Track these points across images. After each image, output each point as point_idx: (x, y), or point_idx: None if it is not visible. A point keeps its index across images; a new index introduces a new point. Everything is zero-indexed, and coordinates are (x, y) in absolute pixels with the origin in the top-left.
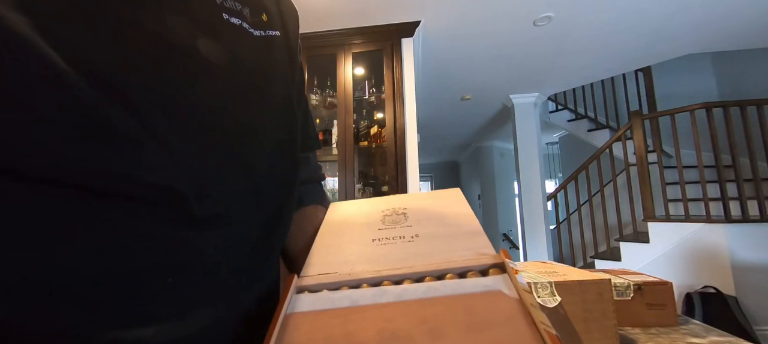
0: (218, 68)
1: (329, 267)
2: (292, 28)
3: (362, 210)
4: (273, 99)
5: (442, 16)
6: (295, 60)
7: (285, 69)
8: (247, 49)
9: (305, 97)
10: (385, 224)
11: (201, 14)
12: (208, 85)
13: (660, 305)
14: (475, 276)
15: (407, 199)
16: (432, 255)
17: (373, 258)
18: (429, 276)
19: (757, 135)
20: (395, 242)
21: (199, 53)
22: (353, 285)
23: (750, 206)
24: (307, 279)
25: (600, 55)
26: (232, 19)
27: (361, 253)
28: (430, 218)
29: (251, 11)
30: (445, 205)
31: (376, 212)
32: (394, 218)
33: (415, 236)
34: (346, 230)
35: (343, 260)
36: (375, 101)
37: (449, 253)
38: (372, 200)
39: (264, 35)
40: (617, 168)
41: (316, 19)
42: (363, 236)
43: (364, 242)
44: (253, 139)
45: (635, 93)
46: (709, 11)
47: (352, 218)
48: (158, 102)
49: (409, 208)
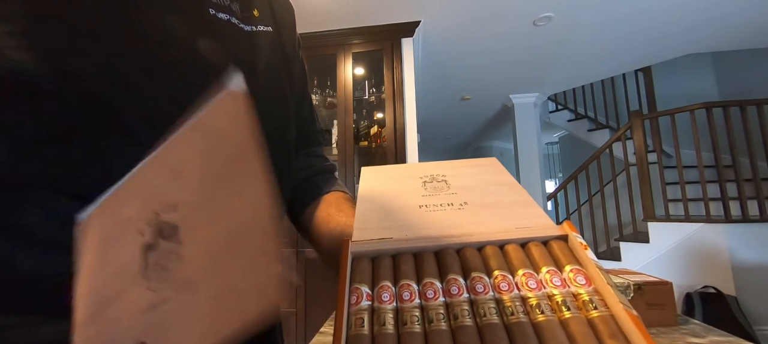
0: (204, 65)
1: (383, 232)
2: (287, 22)
3: (399, 175)
4: (263, 94)
5: (442, 16)
6: (293, 55)
7: (278, 64)
8: (235, 44)
9: (308, 92)
10: (428, 191)
11: (185, 11)
12: (193, 81)
13: (660, 305)
14: (537, 248)
15: (443, 166)
16: (488, 224)
17: (427, 224)
18: (490, 245)
19: (757, 135)
20: (445, 210)
21: (184, 50)
22: (414, 250)
23: (750, 206)
24: (361, 244)
25: (600, 55)
26: (219, 15)
27: (412, 219)
28: (474, 187)
29: (241, 6)
30: (486, 173)
31: (414, 178)
32: (436, 186)
33: (464, 204)
34: (388, 195)
35: (396, 225)
36: (375, 101)
37: (506, 222)
38: (403, 166)
39: (254, 30)
40: (617, 168)
41: (316, 19)
42: (409, 201)
43: (411, 208)
44: None
45: (635, 93)
46: (709, 11)
47: (391, 184)
48: (138, 103)
49: (449, 175)
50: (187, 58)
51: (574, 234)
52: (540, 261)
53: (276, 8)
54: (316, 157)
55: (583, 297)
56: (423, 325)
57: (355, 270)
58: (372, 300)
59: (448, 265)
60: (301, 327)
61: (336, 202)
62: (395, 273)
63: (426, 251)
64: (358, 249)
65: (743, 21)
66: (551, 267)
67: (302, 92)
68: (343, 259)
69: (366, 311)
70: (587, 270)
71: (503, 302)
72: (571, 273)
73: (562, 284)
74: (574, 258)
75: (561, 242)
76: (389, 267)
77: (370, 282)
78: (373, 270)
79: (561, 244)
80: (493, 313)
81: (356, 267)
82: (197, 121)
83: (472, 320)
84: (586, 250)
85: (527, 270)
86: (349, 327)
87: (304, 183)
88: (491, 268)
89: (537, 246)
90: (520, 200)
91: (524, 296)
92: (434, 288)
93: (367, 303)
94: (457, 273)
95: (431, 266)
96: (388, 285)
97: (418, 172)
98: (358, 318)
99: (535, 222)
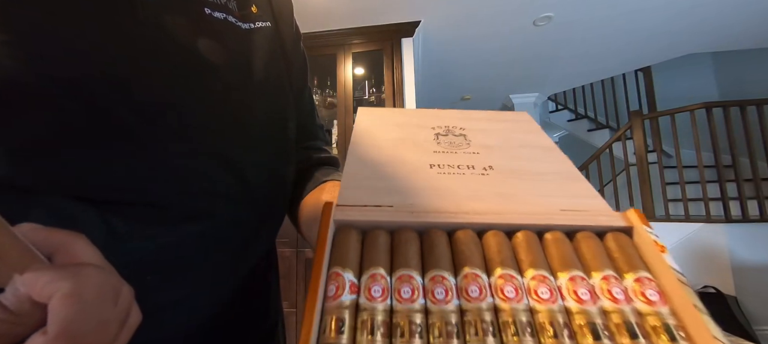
0: (200, 65)
1: (379, 196)
2: (286, 16)
3: (406, 121)
4: (261, 91)
5: (442, 16)
6: (294, 49)
7: (277, 60)
8: (231, 44)
9: (308, 86)
10: (442, 147)
11: (181, 12)
12: (190, 82)
13: None
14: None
15: (462, 116)
16: (521, 199)
17: (439, 191)
18: (523, 230)
19: (757, 135)
20: (463, 174)
21: (180, 50)
22: (420, 227)
23: (750, 206)
24: (349, 210)
25: (600, 55)
26: (215, 14)
27: (419, 182)
28: (501, 147)
29: (239, 4)
30: (516, 131)
31: (425, 128)
32: (452, 141)
33: (489, 168)
34: (389, 146)
35: (398, 188)
36: (375, 100)
37: (546, 199)
38: (412, 112)
39: (253, 28)
40: (617, 168)
41: (316, 19)
42: (416, 158)
43: (419, 168)
44: (237, 134)
45: (635, 93)
46: (709, 11)
47: (395, 132)
48: (135, 105)
49: (469, 129)
50: (184, 59)
51: (645, 227)
52: (593, 260)
53: (275, 2)
54: (316, 150)
55: (653, 321)
56: (426, 340)
57: (337, 247)
58: (357, 293)
59: (466, 254)
60: (301, 327)
61: (330, 189)
62: (392, 258)
63: (436, 231)
64: (343, 217)
65: (743, 21)
66: (608, 271)
67: (302, 87)
68: (322, 230)
69: (347, 309)
70: (660, 280)
71: (538, 316)
72: (637, 284)
73: (624, 297)
74: (642, 261)
75: (623, 237)
76: (385, 247)
77: (357, 267)
78: (363, 249)
79: (623, 239)
80: (526, 332)
81: (339, 242)
82: None
83: (497, 340)
84: (664, 252)
85: (574, 272)
86: (320, 331)
87: (302, 175)
88: (524, 264)
89: (589, 238)
90: (564, 170)
91: (569, 309)
92: (446, 286)
93: (350, 297)
94: (477, 266)
95: (443, 253)
96: (381, 274)
97: (431, 120)
98: (335, 319)
99: (586, 204)
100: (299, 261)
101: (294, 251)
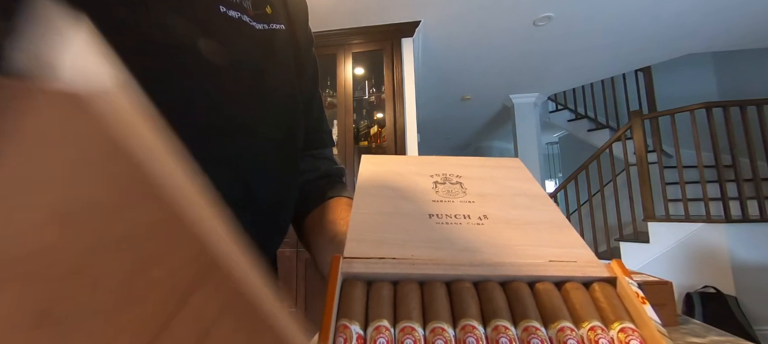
0: (210, 66)
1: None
2: (300, 20)
3: (406, 169)
4: (272, 96)
5: (442, 16)
6: (306, 54)
7: (289, 65)
8: (245, 44)
9: (318, 93)
10: (440, 195)
11: (195, 9)
12: (200, 83)
13: (660, 304)
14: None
15: (458, 163)
16: (514, 250)
17: (438, 242)
18: (516, 281)
19: (757, 135)
20: (460, 223)
21: (190, 50)
22: (421, 278)
23: (750, 206)
24: (355, 263)
25: (600, 55)
26: (229, 12)
27: (419, 232)
28: (495, 196)
29: (254, 3)
30: (509, 178)
31: (424, 176)
32: (449, 189)
33: (484, 218)
34: (391, 196)
35: (400, 238)
36: (375, 100)
37: (537, 249)
38: (411, 159)
39: (267, 29)
40: (617, 168)
41: (316, 19)
42: (416, 208)
43: (419, 218)
44: (245, 137)
45: (635, 93)
46: (710, 11)
47: (396, 181)
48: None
49: (465, 176)
50: (186, 58)
51: (626, 278)
52: (582, 311)
53: (290, 4)
54: (322, 159)
55: None
56: None
57: (344, 300)
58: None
59: (463, 305)
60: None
61: (337, 209)
62: (396, 310)
63: (435, 282)
64: (350, 270)
65: (743, 21)
66: (595, 322)
67: (312, 93)
68: (331, 282)
69: None
70: (642, 331)
71: None
72: (621, 334)
73: None
74: (626, 311)
75: (608, 287)
76: (388, 299)
77: (363, 319)
78: (368, 300)
79: (607, 289)
80: None
81: (347, 294)
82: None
83: None
84: (645, 304)
85: (564, 323)
86: None
87: (307, 186)
88: (518, 315)
89: (577, 289)
90: (554, 219)
91: None
92: (445, 338)
93: None
94: (474, 317)
95: (442, 304)
96: (385, 326)
97: (429, 168)
98: None
99: (574, 253)
100: (299, 261)
101: (294, 251)
